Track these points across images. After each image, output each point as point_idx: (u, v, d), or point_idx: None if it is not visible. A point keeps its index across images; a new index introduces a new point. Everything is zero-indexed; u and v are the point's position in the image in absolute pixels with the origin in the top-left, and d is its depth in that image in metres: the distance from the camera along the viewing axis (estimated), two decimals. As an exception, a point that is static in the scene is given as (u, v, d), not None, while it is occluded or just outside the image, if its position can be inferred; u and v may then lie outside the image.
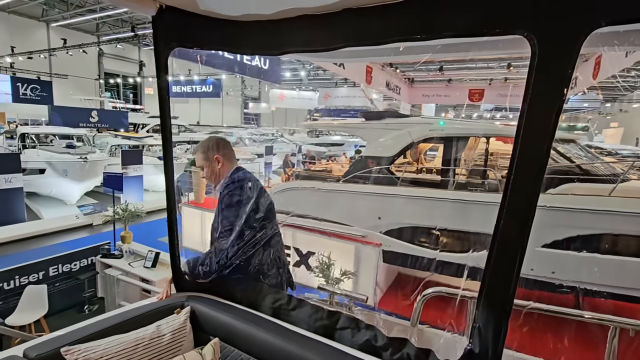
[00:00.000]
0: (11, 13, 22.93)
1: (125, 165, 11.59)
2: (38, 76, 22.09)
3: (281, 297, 1.54)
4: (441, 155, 6.86)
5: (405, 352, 1.27)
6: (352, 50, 1.38)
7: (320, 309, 1.46)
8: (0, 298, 5.30)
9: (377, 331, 1.34)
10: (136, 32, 18.26)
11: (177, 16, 1.44)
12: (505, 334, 1.05)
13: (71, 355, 1.17)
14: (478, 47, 1.39)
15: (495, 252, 1.05)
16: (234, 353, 1.42)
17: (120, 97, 29.60)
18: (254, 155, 16.76)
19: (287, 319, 1.50)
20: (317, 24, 1.29)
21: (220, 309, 1.53)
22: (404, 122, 6.31)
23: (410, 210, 5.68)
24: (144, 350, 1.27)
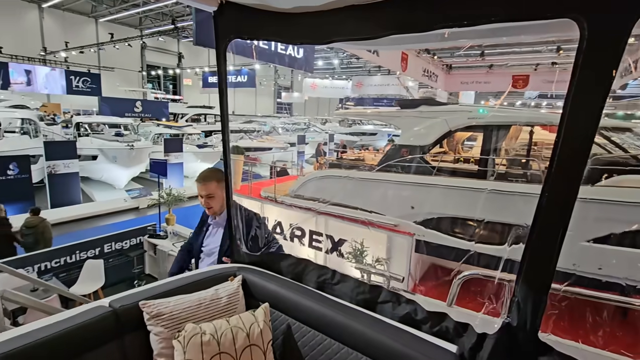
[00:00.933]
0: (65, 10, 24.58)
1: (167, 152, 12.26)
2: (88, 69, 23.66)
3: (325, 272, 1.65)
4: (479, 144, 6.66)
5: (444, 326, 1.33)
6: (397, 37, 1.41)
7: (363, 284, 1.56)
8: (64, 270, 5.92)
9: (417, 305, 1.41)
10: (176, 25, 18.94)
11: (234, 10, 1.55)
12: (544, 308, 1.08)
13: (147, 307, 1.37)
14: (528, 30, 1.34)
15: (537, 228, 1.08)
16: (281, 318, 1.55)
17: (161, 88, 31.03)
18: (287, 144, 17.05)
19: (331, 292, 1.61)
20: (363, 13, 1.34)
21: (268, 279, 1.68)
22: (441, 110, 6.16)
23: (446, 200, 5.59)
24: (205, 309, 1.45)
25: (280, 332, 1.53)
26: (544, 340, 1.12)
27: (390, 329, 1.34)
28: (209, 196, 2.09)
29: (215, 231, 2.23)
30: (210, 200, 2.10)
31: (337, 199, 7.23)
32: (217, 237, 2.21)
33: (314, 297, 1.54)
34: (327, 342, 1.40)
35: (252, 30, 1.56)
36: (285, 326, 1.53)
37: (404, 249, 5.96)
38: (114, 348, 1.34)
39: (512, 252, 1.87)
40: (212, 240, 2.21)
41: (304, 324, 1.48)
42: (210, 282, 1.63)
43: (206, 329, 1.33)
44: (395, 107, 7.35)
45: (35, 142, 11.08)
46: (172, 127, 16.28)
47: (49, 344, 1.20)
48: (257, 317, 1.44)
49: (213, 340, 1.30)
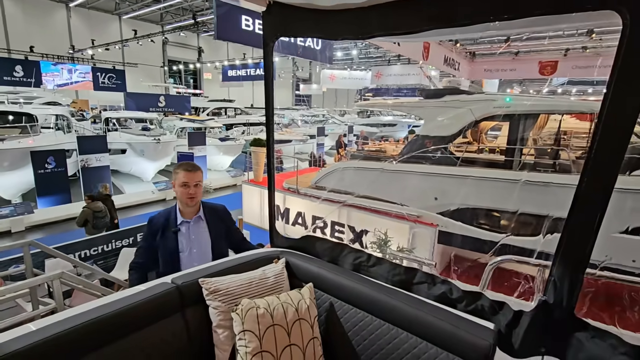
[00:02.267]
0: (90, 9, 25.35)
1: (191, 146, 12.62)
2: (113, 66, 24.41)
3: (361, 255, 1.76)
4: (505, 134, 6.54)
5: (480, 304, 1.40)
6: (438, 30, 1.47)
7: (398, 266, 1.65)
8: (102, 257, 6.31)
9: (452, 285, 1.49)
10: (196, 20, 19.23)
11: (281, 10, 1.64)
12: (580, 287, 1.14)
13: (206, 284, 1.53)
14: (569, 19, 1.33)
15: (575, 212, 1.13)
16: (324, 297, 1.67)
17: (182, 82, 31.66)
18: (307, 136, 17.15)
19: (367, 273, 1.71)
20: (405, 8, 1.40)
21: (309, 262, 1.80)
22: (466, 100, 6.07)
23: (470, 191, 5.56)
24: (256, 287, 1.59)
25: (324, 309, 1.65)
26: (579, 317, 1.18)
27: (428, 306, 1.43)
28: (197, 184, 2.06)
29: (197, 228, 2.12)
30: (197, 190, 2.06)
31: (359, 190, 7.29)
32: (200, 233, 2.12)
33: (352, 278, 1.64)
34: (368, 319, 1.51)
35: (297, 28, 1.65)
36: (328, 304, 1.65)
37: (427, 240, 5.99)
38: (178, 319, 1.50)
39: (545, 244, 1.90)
40: (195, 238, 2.10)
41: (345, 302, 1.60)
42: (257, 264, 1.77)
43: (260, 303, 1.47)
44: (418, 97, 7.27)
45: (69, 137, 11.65)
46: (194, 120, 16.68)
47: (123, 315, 1.36)
48: (303, 295, 1.56)
49: (267, 313, 1.43)
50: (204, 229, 2.13)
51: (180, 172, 2.04)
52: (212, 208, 2.22)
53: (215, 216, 2.19)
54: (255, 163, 9.86)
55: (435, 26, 1.36)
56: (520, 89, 19.94)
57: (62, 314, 1.35)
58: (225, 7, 7.90)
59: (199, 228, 2.13)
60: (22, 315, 3.29)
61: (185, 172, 2.03)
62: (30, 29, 22.73)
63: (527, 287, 1.51)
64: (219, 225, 2.19)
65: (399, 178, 6.60)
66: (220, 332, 1.49)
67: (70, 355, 1.21)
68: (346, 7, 1.50)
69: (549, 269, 1.23)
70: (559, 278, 1.17)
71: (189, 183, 2.02)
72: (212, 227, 2.15)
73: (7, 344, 1.13)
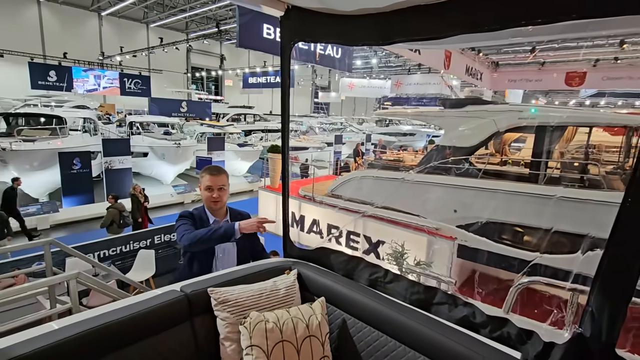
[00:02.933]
0: (121, 17, 26.51)
1: (210, 151, 12.83)
2: (139, 72, 25.33)
3: (378, 270, 1.67)
4: (529, 146, 6.29)
5: (506, 331, 1.29)
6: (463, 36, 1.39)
7: (417, 284, 1.55)
8: (120, 258, 6.42)
9: (475, 308, 1.39)
10: (219, 28, 19.74)
11: (299, 15, 1.61)
12: (623, 319, 1.02)
13: (215, 294, 1.48)
14: (609, 24, 1.23)
15: (618, 234, 1.02)
16: (336, 312, 1.59)
17: (204, 88, 32.47)
18: (324, 143, 17.16)
19: (383, 290, 1.62)
20: (428, 13, 1.33)
21: (322, 274, 1.73)
22: (489, 110, 5.89)
23: (492, 204, 5.35)
24: (266, 299, 1.53)
25: (336, 325, 1.57)
26: (621, 355, 1.06)
27: (449, 330, 1.33)
28: (221, 188, 2.03)
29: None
30: (222, 193, 2.03)
31: (376, 200, 7.17)
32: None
33: (367, 294, 1.56)
34: (383, 339, 1.42)
35: (315, 33, 1.62)
36: (340, 320, 1.57)
37: (445, 253, 5.80)
38: (185, 329, 1.45)
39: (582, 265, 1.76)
40: (223, 244, 2.07)
41: (359, 319, 1.51)
42: (268, 274, 1.71)
43: (269, 317, 1.41)
44: (438, 106, 7.13)
45: (95, 140, 12.07)
46: (214, 126, 16.99)
47: (129, 323, 1.33)
48: (314, 310, 1.49)
49: (276, 328, 1.37)
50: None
51: (205, 176, 2.04)
52: (239, 214, 2.20)
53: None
54: (272, 169, 9.91)
55: (459, 32, 1.29)
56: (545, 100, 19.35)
57: (76, 317, 1.34)
58: (248, 15, 8.05)
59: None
60: (40, 313, 3.36)
61: (209, 175, 2.02)
62: (64, 36, 23.95)
63: (559, 314, 1.38)
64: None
65: (417, 189, 6.45)
66: (228, 345, 1.44)
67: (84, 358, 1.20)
68: (366, 12, 1.45)
69: (585, 295, 1.12)
70: (598, 308, 1.05)
71: (212, 187, 2.01)
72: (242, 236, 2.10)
73: (31, 341, 1.16)
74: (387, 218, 6.32)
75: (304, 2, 1.53)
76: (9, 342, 1.16)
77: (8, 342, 1.15)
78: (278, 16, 1.65)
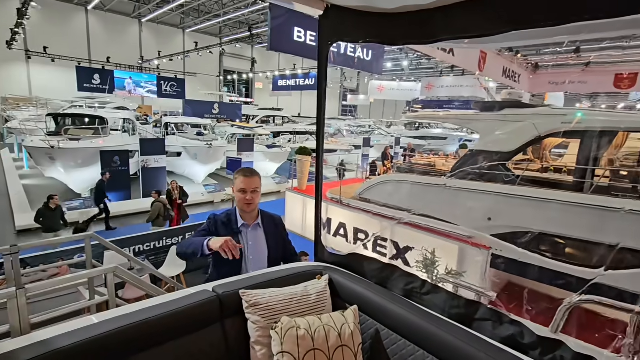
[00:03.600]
0: (159, 23, 27.83)
1: (240, 151, 13.10)
2: (175, 75, 26.42)
3: (414, 280, 1.59)
4: (572, 152, 5.90)
5: (559, 355, 1.18)
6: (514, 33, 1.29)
7: (457, 297, 1.46)
8: (153, 253, 6.67)
9: (523, 327, 1.28)
10: (252, 32, 20.20)
11: (338, 14, 1.58)
12: None
13: (246, 296, 1.47)
14: None
15: None
16: (369, 322, 1.53)
17: (235, 91, 33.35)
18: (352, 146, 17.05)
19: (420, 301, 1.53)
20: (478, 9, 1.26)
21: (355, 281, 1.67)
22: (529, 114, 5.58)
23: (531, 213, 5.04)
24: (297, 304, 1.50)
25: (369, 336, 1.51)
26: None
27: (493, 349, 1.23)
28: (254, 190, 1.99)
29: (254, 235, 2.07)
30: (255, 195, 1.99)
31: (405, 205, 6.99)
32: (258, 241, 2.07)
33: (403, 304, 1.49)
34: (420, 354, 1.34)
35: (354, 32, 1.57)
36: (373, 331, 1.51)
37: (479, 263, 5.53)
38: (216, 330, 1.45)
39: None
40: (253, 245, 2.05)
41: (394, 331, 1.44)
42: (299, 279, 1.68)
43: (300, 323, 1.37)
44: (472, 109, 6.85)
45: (133, 139, 12.68)
46: (244, 127, 17.36)
47: (163, 321, 1.34)
48: (347, 318, 1.44)
49: (307, 335, 1.34)
50: (261, 237, 2.08)
51: (239, 178, 2.01)
52: (270, 217, 2.17)
53: (272, 225, 2.14)
54: (300, 171, 9.94)
55: (511, 28, 1.19)
56: (590, 103, 18.15)
57: (114, 312, 1.37)
58: (280, 19, 8.15)
59: (256, 235, 2.08)
60: (81, 303, 3.54)
61: (243, 177, 1.99)
62: (108, 41, 25.48)
63: (624, 340, 1.25)
64: (276, 234, 2.14)
65: (449, 194, 6.22)
66: (258, 350, 1.42)
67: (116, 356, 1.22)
68: (408, 9, 1.39)
69: None
70: None
71: (246, 189, 1.98)
72: (270, 236, 2.10)
73: (73, 334, 1.20)
74: (417, 224, 6.14)
75: (345, 1, 1.49)
76: (52, 333, 1.20)
77: (52, 333, 1.20)
78: (316, 16, 1.62)
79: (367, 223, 7.45)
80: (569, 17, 1.09)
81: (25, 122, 13.38)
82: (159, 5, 23.74)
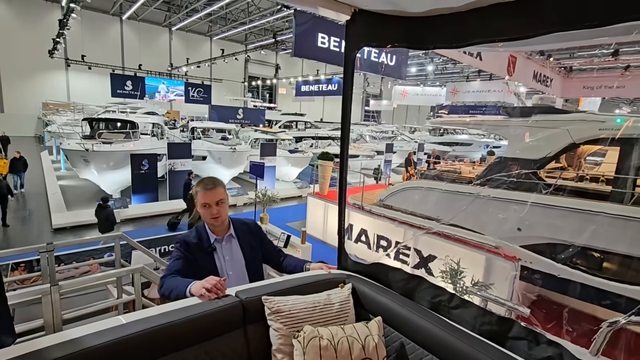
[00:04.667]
0: (188, 32, 28.88)
1: (263, 156, 13.28)
2: (202, 81, 27.27)
3: (441, 293, 1.52)
4: (611, 161, 5.56)
5: None
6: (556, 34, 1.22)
7: (488, 313, 1.38)
8: (177, 255, 6.84)
9: (562, 349, 1.19)
10: (276, 39, 20.57)
11: (366, 18, 1.55)
12: None
13: (269, 303, 1.46)
14: None
15: None
16: (393, 335, 1.47)
17: (259, 96, 33.97)
18: (374, 152, 16.91)
19: (448, 315, 1.46)
20: (514, 10, 1.20)
21: (379, 291, 1.62)
22: (562, 120, 5.32)
23: (566, 225, 4.78)
24: (320, 313, 1.47)
25: (393, 349, 1.46)
26: None
27: None
28: (219, 202, 1.81)
29: (229, 248, 1.90)
30: (221, 208, 1.82)
31: (430, 213, 6.82)
32: (233, 254, 1.90)
33: (430, 318, 1.42)
34: None
35: (382, 37, 1.54)
36: (398, 344, 1.45)
37: (506, 274, 5.30)
38: (239, 336, 1.44)
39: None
40: (229, 259, 1.89)
41: (420, 345, 1.38)
42: (322, 286, 1.65)
43: (323, 333, 1.34)
44: (501, 115, 6.62)
45: (161, 143, 13.14)
46: (267, 132, 17.60)
47: (187, 325, 1.35)
48: (371, 330, 1.40)
49: (330, 346, 1.30)
50: (236, 249, 1.92)
51: (199, 192, 1.81)
52: (243, 224, 2.01)
53: (246, 232, 1.98)
54: (321, 176, 9.94)
55: (551, 30, 1.12)
56: (629, 109, 17.12)
57: (141, 313, 1.39)
58: (304, 25, 8.24)
59: (231, 248, 1.91)
60: (109, 301, 3.67)
61: (204, 191, 1.80)
62: (140, 49, 26.68)
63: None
64: (252, 241, 1.97)
65: (476, 203, 6.01)
66: (280, 358, 1.40)
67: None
68: (439, 12, 1.35)
69: None
70: None
71: (209, 203, 1.80)
72: (245, 245, 1.94)
73: (101, 333, 1.22)
74: (441, 232, 5.97)
75: (373, 5, 1.46)
76: (83, 332, 1.23)
77: (81, 332, 1.23)
78: (343, 21, 1.60)
79: (389, 230, 7.32)
80: (622, 16, 1.01)
81: (63, 126, 14.17)
82: (189, 14, 24.65)
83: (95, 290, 4.32)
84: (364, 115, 38.99)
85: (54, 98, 23.14)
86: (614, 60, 10.39)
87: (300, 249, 6.92)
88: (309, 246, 7.16)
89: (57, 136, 14.80)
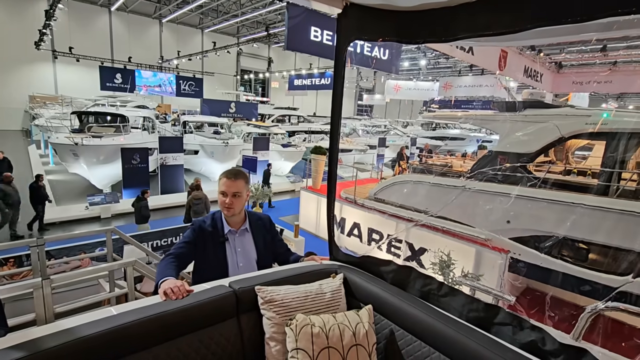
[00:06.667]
0: (179, 24, 28.39)
1: (255, 150, 13.23)
2: (193, 74, 26.90)
3: (431, 282, 1.56)
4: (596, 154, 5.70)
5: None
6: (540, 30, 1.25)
7: (475, 300, 1.43)
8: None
9: (545, 334, 1.24)
10: (269, 32, 20.34)
11: (357, 12, 1.57)
12: None
13: (262, 292, 1.49)
14: None
15: None
16: (383, 322, 1.52)
17: (252, 90, 33.69)
18: (367, 146, 16.96)
19: (437, 303, 1.51)
20: (501, 5, 1.23)
21: (370, 281, 1.66)
22: (551, 114, 5.41)
23: (554, 217, 4.89)
24: (312, 302, 1.51)
25: (383, 336, 1.50)
26: None
27: (511, 354, 1.20)
28: (235, 194, 1.84)
29: (242, 240, 1.94)
30: (235, 200, 1.84)
31: (421, 206, 6.90)
32: (246, 246, 1.94)
33: (419, 306, 1.47)
34: (436, 356, 1.32)
35: (373, 31, 1.56)
36: (388, 331, 1.49)
37: (496, 266, 5.42)
38: (232, 325, 1.47)
39: None
40: (241, 251, 1.92)
41: (409, 332, 1.43)
42: (314, 277, 1.68)
43: (315, 321, 1.38)
44: (492, 109, 6.69)
45: (152, 137, 12.98)
46: (260, 126, 17.51)
47: (181, 314, 1.37)
48: (361, 318, 1.43)
49: (322, 333, 1.34)
50: (249, 243, 1.96)
51: (222, 179, 1.88)
52: (258, 218, 2.05)
53: (261, 227, 2.02)
54: (314, 170, 9.96)
55: (541, 24, 1.16)
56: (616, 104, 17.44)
57: (133, 304, 1.40)
58: (297, 18, 8.18)
59: (244, 240, 1.95)
60: (101, 295, 3.66)
61: (225, 179, 1.86)
62: (130, 42, 26.17)
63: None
64: (265, 236, 2.01)
65: (466, 196, 6.11)
66: (273, 346, 1.43)
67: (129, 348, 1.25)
68: (429, 6, 1.37)
69: None
70: None
71: (226, 192, 1.84)
72: (259, 240, 1.98)
73: (94, 324, 1.23)
74: (432, 225, 6.05)
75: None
76: (75, 322, 1.25)
77: (74, 323, 1.24)
78: (335, 14, 1.61)
79: (381, 223, 7.40)
80: (600, 12, 1.05)
81: (51, 120, 13.90)
82: (179, 5, 24.22)
83: (87, 285, 4.30)
84: (357, 110, 38.98)
85: (41, 91, 22.62)
86: (602, 56, 10.54)
87: (294, 242, 6.95)
88: (302, 240, 7.20)
89: (46, 130, 14.53)
